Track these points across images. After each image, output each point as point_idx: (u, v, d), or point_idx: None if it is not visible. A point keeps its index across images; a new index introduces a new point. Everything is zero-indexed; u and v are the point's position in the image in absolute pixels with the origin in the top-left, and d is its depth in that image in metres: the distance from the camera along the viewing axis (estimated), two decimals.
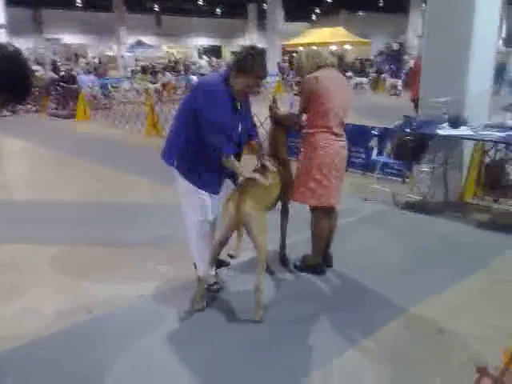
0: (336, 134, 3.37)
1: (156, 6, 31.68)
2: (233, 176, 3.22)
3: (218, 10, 34.90)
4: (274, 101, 3.53)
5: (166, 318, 3.08)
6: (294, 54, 21.66)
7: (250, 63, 2.93)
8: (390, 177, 6.15)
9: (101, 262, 3.94)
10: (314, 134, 3.36)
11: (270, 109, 3.54)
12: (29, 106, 14.68)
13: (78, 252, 4.15)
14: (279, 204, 3.58)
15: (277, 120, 3.53)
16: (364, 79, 19.97)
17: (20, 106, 14.39)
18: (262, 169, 3.22)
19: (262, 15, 27.92)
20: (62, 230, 4.68)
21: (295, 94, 3.46)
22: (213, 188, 3.16)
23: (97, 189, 6.21)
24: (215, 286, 3.29)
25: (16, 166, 8.36)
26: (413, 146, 5.02)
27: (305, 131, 3.45)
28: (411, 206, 5.19)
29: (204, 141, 2.96)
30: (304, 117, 3.48)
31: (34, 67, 19.79)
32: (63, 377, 2.56)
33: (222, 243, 3.13)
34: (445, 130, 4.85)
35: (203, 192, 3.10)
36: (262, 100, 3.93)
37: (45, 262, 3.97)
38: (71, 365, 2.64)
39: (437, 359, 2.64)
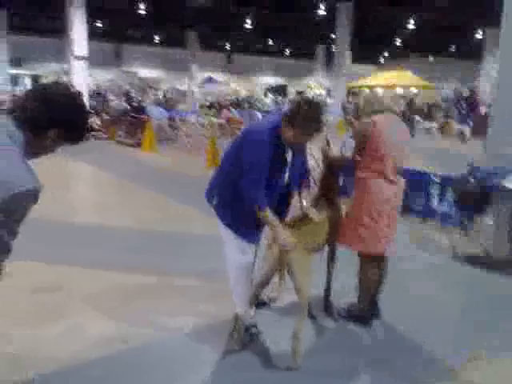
0: (390, 181, 3.25)
1: (227, 44, 33.06)
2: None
3: (287, 50, 35.83)
4: (328, 143, 3.48)
5: (201, 356, 3.01)
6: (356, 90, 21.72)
7: (303, 120, 2.74)
8: (450, 227, 5.83)
9: (146, 291, 3.96)
10: (367, 179, 3.26)
11: (323, 150, 3.49)
12: (100, 133, 15.55)
13: (125, 279, 4.20)
14: (326, 247, 3.47)
15: (328, 161, 3.46)
16: (434, 124, 19.48)
17: (93, 133, 15.31)
18: (303, 219, 3.10)
19: (329, 56, 28.30)
20: (113, 256, 4.78)
21: (351, 137, 3.39)
22: (249, 237, 2.98)
23: (152, 217, 6.36)
24: (253, 330, 3.18)
25: (79, 189, 8.80)
26: (476, 196, 4.75)
27: (358, 175, 3.36)
28: (472, 260, 4.86)
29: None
30: (357, 159, 3.38)
31: (111, 97, 21.15)
32: None
33: (264, 284, 3.05)
34: None
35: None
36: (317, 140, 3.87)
37: (92, 285, 4.05)
38: None
39: None
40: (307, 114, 2.75)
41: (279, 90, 34.92)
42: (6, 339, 3.13)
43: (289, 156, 2.96)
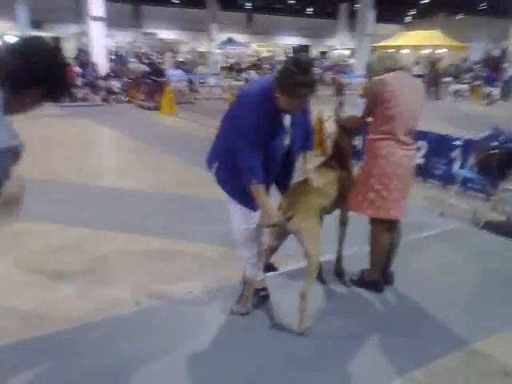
0: (402, 142, 3.10)
1: (248, 4, 32.19)
2: (280, 183, 3.02)
3: (308, 10, 34.75)
4: (340, 104, 3.35)
5: (210, 318, 3.03)
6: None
7: (291, 84, 2.48)
8: (471, 192, 5.68)
9: (160, 254, 3.99)
10: (377, 141, 3.12)
11: (335, 111, 3.36)
12: (121, 97, 15.52)
13: (140, 241, 4.23)
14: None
15: (340, 123, 3.35)
16: (464, 86, 18.73)
17: (113, 96, 15.29)
18: (304, 183, 2.97)
19: (353, 15, 27.32)
20: (128, 219, 4.81)
21: (361, 95, 3.24)
22: (251, 205, 2.80)
23: (170, 180, 6.35)
24: (262, 293, 3.17)
25: (97, 152, 8.83)
26: (499, 160, 4.57)
27: (368, 137, 3.23)
28: (492, 227, 4.73)
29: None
30: (368, 120, 3.25)
31: (131, 59, 20.95)
32: (101, 365, 2.59)
33: (273, 249, 3.03)
34: None
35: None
36: (334, 101, 3.75)
37: (107, 248, 4.09)
38: (113, 353, 2.67)
39: None
40: (294, 78, 2.47)
41: (302, 51, 34.09)
42: (19, 298, 3.21)
43: (286, 117, 2.78)
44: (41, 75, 1.62)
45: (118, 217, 4.85)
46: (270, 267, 3.35)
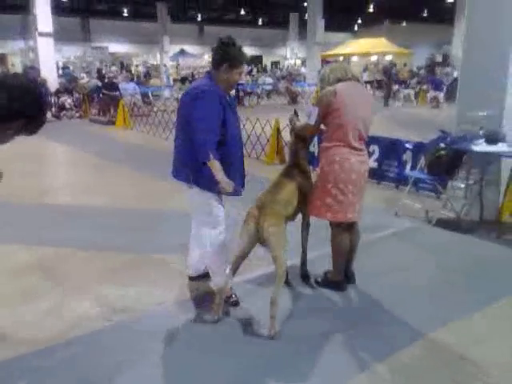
0: (354, 148, 3.28)
1: (199, 15, 32.30)
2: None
3: (260, 20, 35.22)
4: (295, 112, 3.51)
5: (182, 328, 3.09)
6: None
7: (234, 54, 3.00)
8: (423, 192, 5.98)
9: (125, 269, 4.00)
10: (331, 148, 3.30)
11: (291, 121, 3.52)
12: (73, 112, 15.24)
13: (104, 257, 4.22)
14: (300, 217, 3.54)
15: (296, 131, 3.50)
16: (411, 91, 19.51)
17: (64, 112, 14.99)
18: (270, 193, 3.20)
19: (303, 25, 27.93)
20: (93, 235, 4.77)
21: (313, 104, 3.41)
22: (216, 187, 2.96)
23: (130, 195, 6.34)
24: (232, 299, 3.26)
25: (53, 169, 8.67)
26: (447, 161, 4.86)
27: (322, 144, 3.40)
28: (444, 224, 5.01)
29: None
30: (322, 128, 3.42)
31: (82, 75, 20.60)
32: (78, 383, 2.59)
33: (243, 257, 3.11)
34: (481, 147, 4.66)
35: (216, 201, 3.11)
36: (289, 110, 3.91)
37: (70, 265, 4.06)
38: (87, 371, 2.67)
39: None
40: (232, 49, 3.01)
41: (255, 61, 34.47)
42: None
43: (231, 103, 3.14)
44: (23, 110, 1.69)
45: (79, 234, 4.80)
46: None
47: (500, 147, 4.63)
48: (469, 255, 4.29)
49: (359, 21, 34.23)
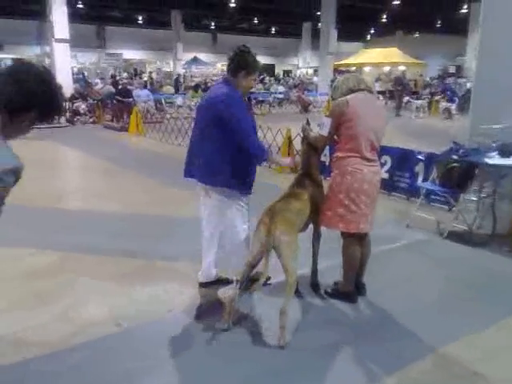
0: (367, 159, 3.29)
1: (212, 24, 32.56)
2: None
3: (272, 29, 35.42)
4: (308, 122, 3.52)
5: (192, 335, 3.09)
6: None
7: (251, 62, 3.21)
8: (435, 204, 5.94)
9: (135, 274, 4.02)
10: (344, 159, 3.31)
11: (303, 130, 3.54)
12: (86, 118, 15.41)
13: (115, 262, 4.25)
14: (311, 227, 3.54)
15: (309, 141, 3.51)
16: (423, 102, 19.43)
17: (78, 117, 15.16)
18: (284, 201, 3.27)
19: (315, 34, 28.04)
20: (104, 240, 4.81)
21: (326, 115, 3.42)
22: (246, 188, 3.36)
23: (140, 201, 6.38)
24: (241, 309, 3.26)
25: (67, 174, 8.76)
26: (459, 173, 4.83)
27: (335, 155, 3.41)
28: (456, 236, 4.97)
29: (241, 147, 3.17)
30: (335, 138, 3.43)
31: (96, 81, 20.84)
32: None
33: (253, 265, 3.12)
34: (494, 159, 4.63)
35: (244, 198, 3.38)
36: (301, 119, 3.94)
37: (81, 270, 4.09)
38: (96, 377, 2.68)
39: None
40: (248, 56, 3.23)
41: (267, 70, 34.61)
42: None
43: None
44: (35, 99, 1.68)
45: (90, 239, 4.84)
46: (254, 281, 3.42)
47: None
48: (480, 269, 4.25)
49: (372, 31, 34.28)
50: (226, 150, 3.19)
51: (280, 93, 22.19)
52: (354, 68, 23.65)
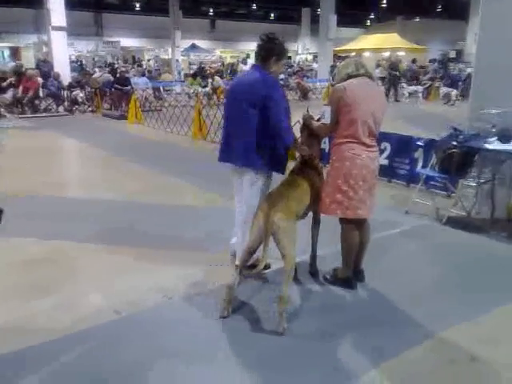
0: (365, 145, 3.27)
1: (210, 10, 32.26)
2: None
3: (271, 15, 35.11)
4: (308, 111, 3.50)
5: (191, 322, 3.11)
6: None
7: (281, 48, 3.41)
8: (434, 190, 5.93)
9: (135, 262, 4.03)
10: (342, 144, 3.29)
11: (305, 119, 3.51)
12: (85, 107, 15.33)
13: (115, 250, 4.26)
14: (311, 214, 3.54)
15: (310, 130, 3.49)
16: (419, 87, 19.30)
17: (76, 106, 15.09)
18: (284, 187, 3.30)
19: (315, 20, 27.78)
20: (103, 228, 4.82)
21: (325, 104, 3.39)
22: (282, 168, 3.49)
23: (139, 189, 6.37)
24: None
25: (65, 163, 8.75)
26: (458, 159, 4.82)
27: (333, 141, 3.40)
28: (454, 222, 4.97)
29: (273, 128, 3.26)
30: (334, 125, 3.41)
31: (94, 69, 20.68)
32: (89, 376, 2.62)
33: (251, 252, 3.12)
34: (493, 145, 4.62)
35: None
36: (300, 106, 3.91)
37: (82, 258, 4.11)
38: (97, 364, 2.71)
39: None
40: (281, 42, 3.43)
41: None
42: None
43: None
44: None
45: (91, 227, 4.85)
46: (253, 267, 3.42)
47: None
48: (479, 254, 4.26)
49: (372, 16, 33.98)
50: (263, 130, 3.27)
51: (280, 79, 22.02)
52: (353, 54, 23.46)
